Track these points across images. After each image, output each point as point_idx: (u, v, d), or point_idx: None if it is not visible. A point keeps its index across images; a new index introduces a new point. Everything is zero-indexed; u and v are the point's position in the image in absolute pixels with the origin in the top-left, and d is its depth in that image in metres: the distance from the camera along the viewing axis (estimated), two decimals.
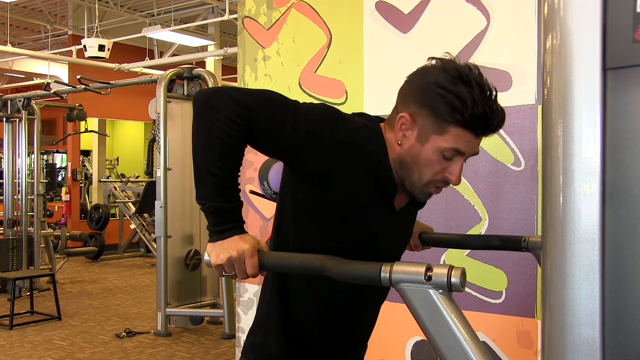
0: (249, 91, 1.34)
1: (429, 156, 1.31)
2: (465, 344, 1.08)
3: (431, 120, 1.29)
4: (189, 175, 5.62)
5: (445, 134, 1.29)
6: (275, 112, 1.28)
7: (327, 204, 1.36)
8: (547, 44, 0.92)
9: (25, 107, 7.25)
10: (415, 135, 1.32)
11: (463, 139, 1.29)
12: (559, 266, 0.89)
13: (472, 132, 1.29)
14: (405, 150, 1.34)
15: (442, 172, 1.33)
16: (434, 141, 1.30)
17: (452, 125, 1.27)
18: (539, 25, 2.33)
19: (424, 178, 1.34)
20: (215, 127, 1.24)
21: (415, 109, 1.31)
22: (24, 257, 7.02)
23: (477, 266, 2.49)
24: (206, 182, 1.27)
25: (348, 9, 2.85)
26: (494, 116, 1.29)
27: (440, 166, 1.32)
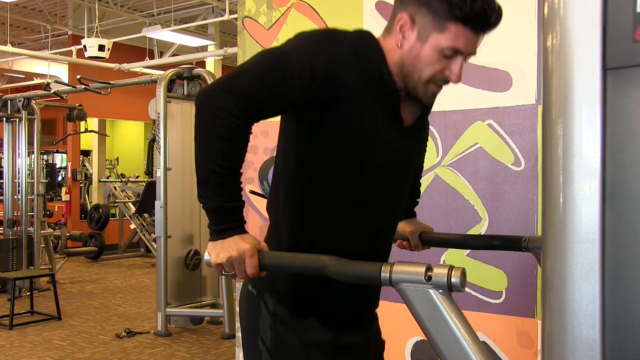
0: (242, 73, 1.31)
1: (429, 55, 1.33)
2: (465, 344, 1.08)
3: (430, 19, 1.31)
4: (189, 175, 5.62)
5: (445, 32, 1.30)
6: (275, 83, 1.29)
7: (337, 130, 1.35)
8: (547, 44, 0.92)
9: (25, 107, 7.25)
10: (415, 35, 1.34)
11: (462, 37, 1.30)
12: (559, 266, 0.89)
13: (471, 29, 1.30)
14: (406, 51, 1.35)
15: (442, 71, 1.35)
16: (433, 39, 1.32)
17: (452, 22, 1.29)
18: (539, 25, 2.33)
19: (425, 77, 1.35)
20: (217, 125, 1.25)
21: (414, 9, 1.33)
22: (24, 257, 7.02)
23: (477, 266, 2.49)
24: (208, 181, 1.27)
25: (348, 9, 2.85)
26: (492, 11, 1.31)
27: (440, 65, 1.34)
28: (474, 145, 2.52)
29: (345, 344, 1.46)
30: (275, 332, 1.41)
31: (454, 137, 2.57)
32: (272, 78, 1.29)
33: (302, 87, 1.29)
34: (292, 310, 1.42)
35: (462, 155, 2.55)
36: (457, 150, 2.56)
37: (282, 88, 1.29)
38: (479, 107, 2.49)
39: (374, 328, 1.60)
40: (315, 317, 1.43)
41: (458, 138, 2.56)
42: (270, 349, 1.41)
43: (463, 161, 2.54)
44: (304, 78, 1.28)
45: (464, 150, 2.54)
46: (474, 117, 2.51)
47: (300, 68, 1.28)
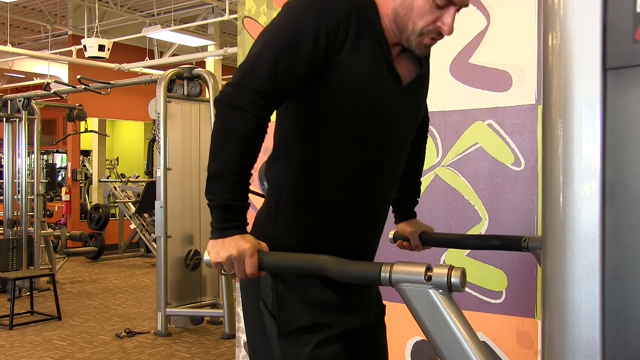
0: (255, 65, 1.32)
1: (422, 5, 1.34)
2: (465, 344, 1.08)
3: None
4: (189, 175, 5.62)
5: None
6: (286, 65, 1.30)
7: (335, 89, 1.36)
8: (547, 44, 0.92)
9: (25, 107, 7.25)
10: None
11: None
12: (559, 266, 0.89)
13: None
14: (400, 3, 1.37)
15: (434, 22, 1.36)
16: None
17: None
18: (539, 25, 2.33)
19: (418, 28, 1.36)
20: (240, 124, 1.27)
21: None
22: (24, 257, 7.02)
23: (477, 266, 2.49)
24: (222, 178, 1.28)
25: None
26: None
27: (433, 15, 1.35)
28: (474, 145, 2.52)
29: (346, 304, 1.46)
30: (277, 293, 1.41)
31: (454, 137, 2.57)
32: (284, 62, 1.30)
33: (316, 55, 1.31)
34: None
35: (462, 155, 2.55)
36: (457, 150, 2.56)
37: (296, 67, 1.31)
38: (479, 107, 2.49)
39: (374, 291, 1.59)
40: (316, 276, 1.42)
41: (458, 138, 2.56)
42: (271, 309, 1.41)
43: (463, 161, 2.54)
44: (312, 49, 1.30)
45: (464, 150, 2.54)
46: (474, 117, 2.51)
47: (306, 41, 1.30)
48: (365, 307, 1.53)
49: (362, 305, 1.52)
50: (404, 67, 1.44)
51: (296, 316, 1.40)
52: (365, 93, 1.37)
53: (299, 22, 1.33)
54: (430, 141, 2.58)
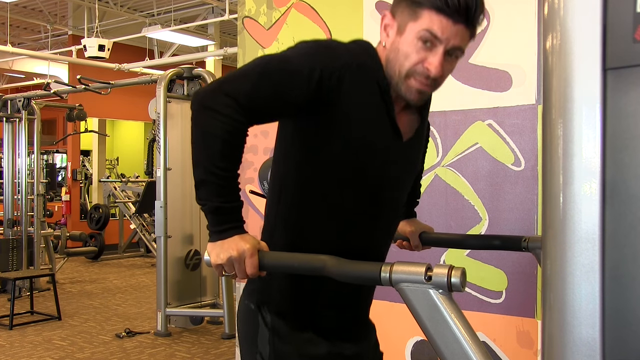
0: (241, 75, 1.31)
1: (407, 45, 1.31)
2: (465, 344, 1.08)
3: (407, 10, 1.31)
4: (189, 175, 5.62)
5: (419, 19, 1.29)
6: (272, 86, 1.28)
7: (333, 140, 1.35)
8: (547, 44, 0.92)
9: (25, 107, 7.25)
10: (395, 30, 1.35)
11: (436, 22, 1.28)
12: (559, 266, 0.89)
13: (445, 16, 1.27)
14: (389, 48, 1.36)
15: (421, 63, 1.32)
16: (409, 28, 1.31)
17: (425, 8, 1.28)
18: (539, 25, 2.33)
19: (404, 69, 1.33)
20: (215, 127, 1.24)
21: (395, 6, 1.35)
22: (24, 257, 7.02)
23: (477, 266, 2.49)
24: (206, 183, 1.27)
25: (348, 9, 2.85)
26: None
27: (418, 56, 1.31)
28: (474, 145, 2.52)
29: (344, 356, 1.47)
30: (274, 347, 1.42)
31: (454, 137, 2.57)
32: (271, 81, 1.28)
33: (300, 90, 1.28)
34: (290, 325, 1.43)
35: (462, 155, 2.55)
36: (457, 150, 2.56)
37: (281, 91, 1.29)
38: (479, 107, 2.49)
39: (372, 339, 1.61)
40: (312, 331, 1.44)
41: (458, 138, 2.56)
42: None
43: (463, 161, 2.54)
44: (302, 81, 1.28)
45: (464, 150, 2.54)
46: (474, 117, 2.51)
47: (299, 71, 1.28)
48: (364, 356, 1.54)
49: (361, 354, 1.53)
50: (406, 122, 1.43)
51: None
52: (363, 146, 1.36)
53: (300, 55, 1.32)
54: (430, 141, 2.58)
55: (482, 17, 1.34)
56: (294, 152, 1.40)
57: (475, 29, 1.35)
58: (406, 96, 1.37)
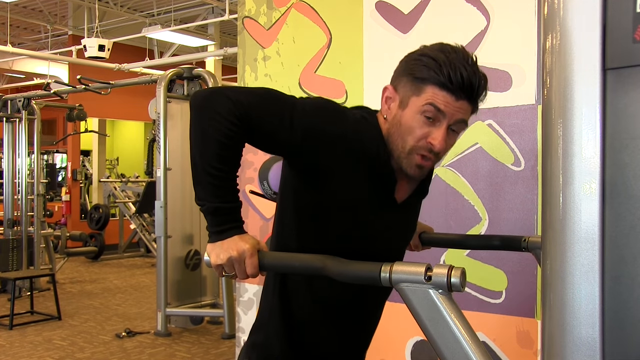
0: (246, 90, 1.33)
1: (410, 120, 1.31)
2: (465, 344, 1.08)
3: (410, 85, 1.31)
4: (189, 175, 5.57)
5: (422, 93, 1.29)
6: (272, 111, 1.28)
7: (328, 201, 1.36)
8: (547, 44, 0.92)
9: (25, 107, 7.25)
10: (397, 104, 1.34)
11: (440, 97, 1.28)
12: (559, 266, 0.89)
13: (448, 92, 1.28)
14: (390, 121, 1.35)
15: (425, 138, 1.31)
16: (412, 103, 1.31)
17: (428, 84, 1.28)
18: (539, 25, 2.33)
19: (407, 145, 1.33)
20: (213, 128, 1.24)
21: (397, 79, 1.35)
22: (24, 257, 7.02)
23: (477, 266, 2.49)
24: (205, 183, 1.27)
25: (348, 9, 2.85)
26: (470, 76, 1.28)
27: (421, 131, 1.31)
28: (474, 145, 2.52)
29: None
30: None
31: None
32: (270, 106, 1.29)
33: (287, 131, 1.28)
34: None
35: (462, 155, 2.55)
36: (457, 150, 2.56)
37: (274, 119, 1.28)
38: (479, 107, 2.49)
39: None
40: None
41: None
42: None
43: (463, 161, 2.54)
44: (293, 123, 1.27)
45: (464, 150, 2.54)
46: (474, 117, 2.51)
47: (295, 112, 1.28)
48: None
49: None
50: (403, 188, 1.43)
51: None
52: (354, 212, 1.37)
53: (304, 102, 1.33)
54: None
55: (484, 94, 1.34)
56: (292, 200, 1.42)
57: (477, 105, 1.35)
58: (407, 170, 1.36)
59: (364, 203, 1.38)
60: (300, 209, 1.40)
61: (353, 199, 1.36)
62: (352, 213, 1.37)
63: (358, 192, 1.36)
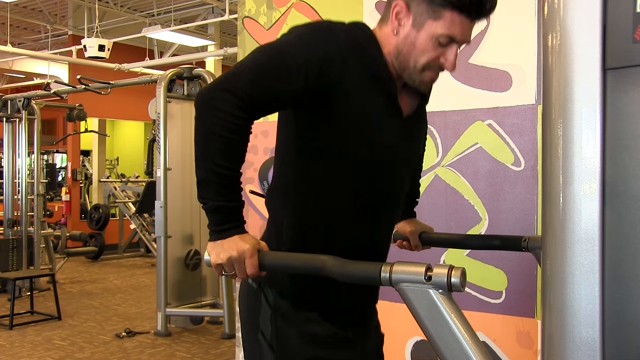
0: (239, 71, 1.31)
1: (425, 43, 1.34)
2: (465, 344, 1.08)
3: (425, 6, 1.32)
4: (189, 175, 5.62)
5: (440, 19, 1.31)
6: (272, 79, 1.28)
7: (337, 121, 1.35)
8: (547, 44, 0.92)
9: (25, 107, 7.25)
10: (410, 23, 1.35)
11: (458, 24, 1.31)
12: (559, 266, 0.89)
13: (466, 15, 1.31)
14: (402, 38, 1.36)
15: (437, 58, 1.36)
16: (429, 26, 1.32)
17: (447, 9, 1.30)
18: (539, 25, 2.33)
19: (420, 64, 1.36)
20: (218, 125, 1.24)
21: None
22: (24, 257, 7.02)
23: (477, 266, 2.49)
24: (209, 181, 1.27)
25: (348, 9, 2.85)
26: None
27: (435, 52, 1.35)
28: (474, 145, 2.52)
29: (345, 338, 1.46)
30: (276, 326, 1.41)
31: (454, 137, 2.57)
32: (270, 75, 1.28)
33: (300, 81, 1.29)
34: (293, 304, 1.42)
35: (462, 155, 2.55)
36: (457, 150, 2.56)
37: (281, 84, 1.29)
38: (479, 107, 2.49)
39: (374, 322, 1.60)
40: (315, 311, 1.43)
41: (458, 138, 2.56)
42: (270, 342, 1.41)
43: (463, 161, 2.54)
44: (301, 72, 1.28)
45: (464, 150, 2.54)
46: (474, 117, 2.51)
47: (297, 63, 1.28)
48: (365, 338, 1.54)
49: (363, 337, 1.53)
50: (405, 100, 1.45)
51: (294, 351, 1.41)
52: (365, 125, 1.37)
53: (295, 44, 1.32)
54: (430, 141, 2.58)
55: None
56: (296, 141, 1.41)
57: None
58: (419, 87, 1.41)
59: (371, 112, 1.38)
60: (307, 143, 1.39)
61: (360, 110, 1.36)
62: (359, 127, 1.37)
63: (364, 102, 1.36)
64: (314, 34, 1.35)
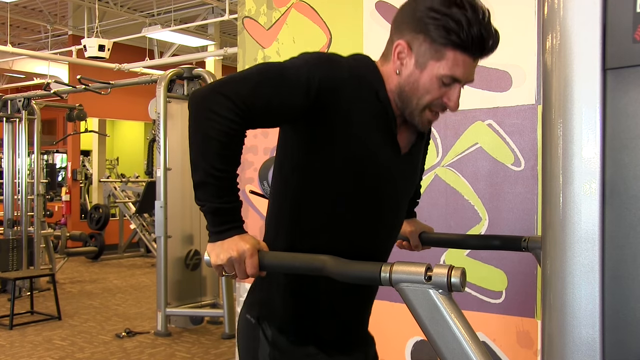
0: (238, 78, 1.30)
1: (428, 83, 1.33)
2: (465, 344, 1.08)
3: (427, 46, 1.30)
4: (189, 175, 5.55)
5: (443, 59, 1.30)
6: (271, 90, 1.27)
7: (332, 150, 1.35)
8: (547, 44, 0.92)
9: (25, 107, 7.25)
10: (412, 63, 1.33)
11: (460, 64, 1.30)
12: (559, 266, 0.89)
13: (469, 54, 1.30)
14: (404, 78, 1.35)
15: (440, 98, 1.34)
16: (431, 67, 1.31)
17: (449, 49, 1.29)
18: (539, 25, 2.33)
19: (423, 104, 1.35)
20: (213, 128, 1.23)
21: (411, 36, 1.32)
22: (24, 257, 7.02)
23: (477, 266, 2.49)
24: (205, 184, 1.26)
25: (348, 9, 2.85)
26: (489, 36, 1.31)
27: (438, 92, 1.34)
28: (474, 145, 2.52)
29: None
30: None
31: (454, 137, 2.57)
32: (269, 86, 1.28)
33: (299, 97, 1.28)
34: (291, 339, 1.43)
35: (462, 155, 2.55)
36: (457, 150, 2.56)
37: (279, 97, 1.28)
38: (479, 107, 2.49)
39: (371, 352, 1.61)
40: (313, 345, 1.44)
41: (458, 138, 2.56)
42: None
43: (463, 161, 2.54)
44: (301, 88, 1.28)
45: (464, 150, 2.54)
46: (474, 117, 2.51)
47: (298, 79, 1.28)
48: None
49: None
50: (404, 137, 1.44)
51: None
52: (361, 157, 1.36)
53: (299, 64, 1.32)
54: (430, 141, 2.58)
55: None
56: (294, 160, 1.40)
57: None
58: (418, 125, 1.40)
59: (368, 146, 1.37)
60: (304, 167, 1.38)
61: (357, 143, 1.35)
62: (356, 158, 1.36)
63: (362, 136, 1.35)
64: (320, 58, 1.35)
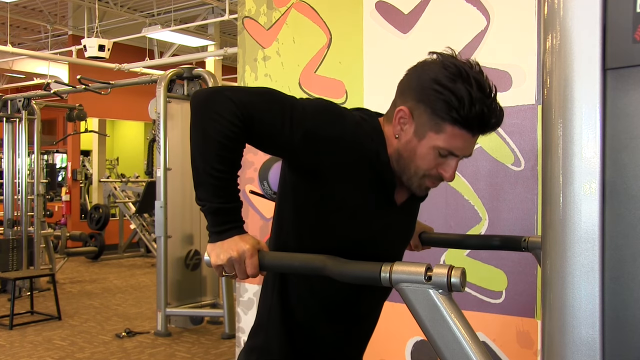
0: (247, 90, 1.33)
1: (425, 152, 1.32)
2: (465, 344, 1.08)
3: (428, 117, 1.29)
4: (189, 175, 5.59)
5: (441, 133, 1.29)
6: (274, 112, 1.28)
7: (327, 202, 1.36)
8: (547, 44, 0.92)
9: (25, 107, 7.25)
10: (412, 130, 1.33)
11: (458, 138, 1.29)
12: (559, 266, 0.89)
13: (468, 131, 1.29)
14: (403, 144, 1.35)
15: (437, 168, 1.34)
16: (430, 138, 1.30)
17: (448, 123, 1.27)
18: (539, 25, 2.33)
19: (420, 172, 1.35)
20: (214, 129, 1.23)
21: (413, 103, 1.31)
22: (24, 257, 7.02)
23: (477, 266, 2.49)
24: (205, 184, 1.27)
25: (348, 9, 2.85)
26: (491, 115, 1.29)
27: (435, 162, 1.33)
28: None
29: None
30: None
31: None
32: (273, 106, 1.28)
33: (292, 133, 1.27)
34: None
35: None
36: None
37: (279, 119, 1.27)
38: None
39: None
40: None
41: None
42: None
43: (463, 161, 2.53)
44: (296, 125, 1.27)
45: None
46: None
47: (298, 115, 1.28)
48: None
49: None
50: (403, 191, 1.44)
51: None
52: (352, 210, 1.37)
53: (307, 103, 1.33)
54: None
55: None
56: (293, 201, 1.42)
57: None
58: (416, 190, 1.40)
59: (363, 204, 1.38)
60: (300, 208, 1.40)
61: (352, 199, 1.36)
62: (351, 213, 1.37)
63: (357, 193, 1.36)
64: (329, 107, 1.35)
